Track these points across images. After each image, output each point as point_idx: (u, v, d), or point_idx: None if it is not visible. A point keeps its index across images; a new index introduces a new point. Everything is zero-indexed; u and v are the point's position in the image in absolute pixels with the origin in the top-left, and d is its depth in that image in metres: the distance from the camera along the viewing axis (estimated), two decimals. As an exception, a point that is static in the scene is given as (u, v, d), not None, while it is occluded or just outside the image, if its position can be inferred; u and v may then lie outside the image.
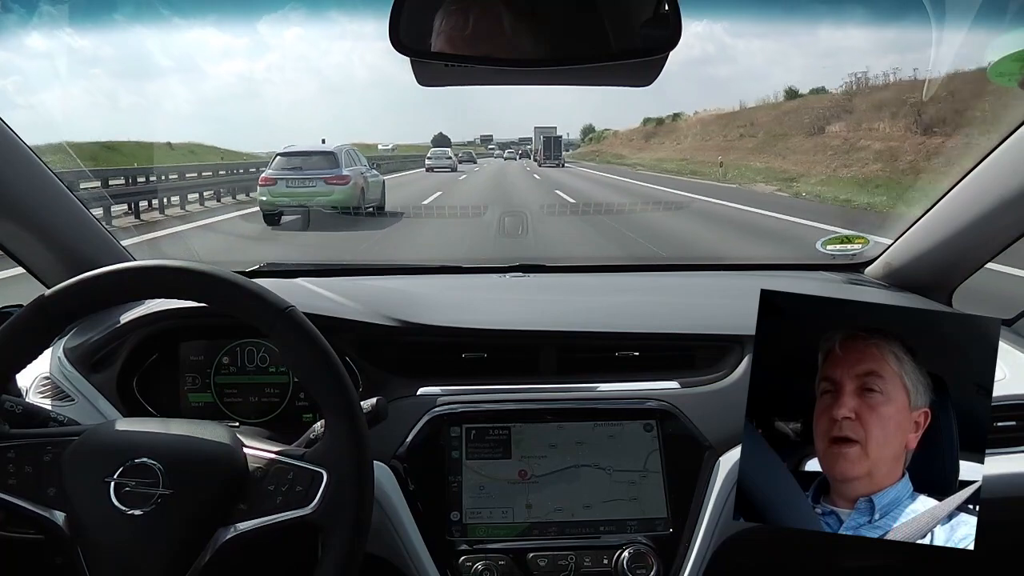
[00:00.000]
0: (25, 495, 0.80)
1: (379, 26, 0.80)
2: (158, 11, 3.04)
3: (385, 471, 1.03)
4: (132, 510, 0.77)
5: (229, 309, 0.86)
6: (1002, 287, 1.78)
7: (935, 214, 1.36)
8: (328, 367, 0.83)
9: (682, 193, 13.23)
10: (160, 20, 3.06)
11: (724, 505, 1.02)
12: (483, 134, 29.48)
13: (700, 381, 1.16)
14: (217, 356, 1.18)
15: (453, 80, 0.94)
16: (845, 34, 26.42)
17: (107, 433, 0.85)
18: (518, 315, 1.27)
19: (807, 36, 33.23)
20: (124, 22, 1.95)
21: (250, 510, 0.80)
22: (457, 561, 1.00)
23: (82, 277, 0.85)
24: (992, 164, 1.23)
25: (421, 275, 1.61)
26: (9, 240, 1.20)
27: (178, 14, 3.31)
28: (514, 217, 2.77)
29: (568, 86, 0.97)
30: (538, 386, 1.15)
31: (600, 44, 0.83)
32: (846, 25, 22.20)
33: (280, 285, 1.13)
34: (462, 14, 0.81)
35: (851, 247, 1.58)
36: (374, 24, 0.87)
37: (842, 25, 21.99)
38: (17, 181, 1.15)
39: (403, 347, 1.20)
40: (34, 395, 1.09)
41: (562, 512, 1.04)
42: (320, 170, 7.23)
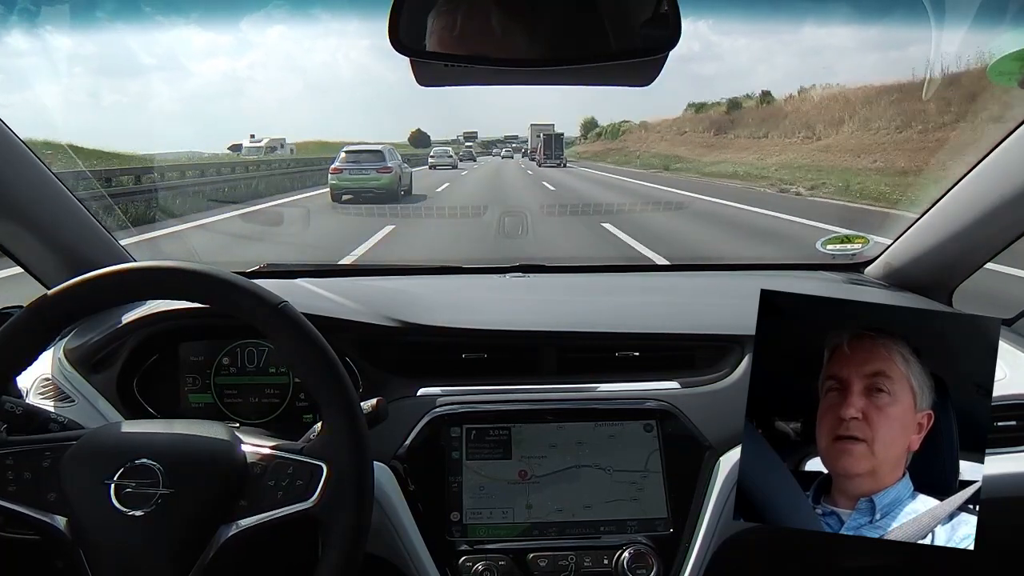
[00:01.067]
0: (25, 501, 0.79)
1: (359, 24, 0.79)
2: (140, 8, 3.03)
3: (385, 471, 1.03)
4: (133, 511, 0.77)
5: (225, 308, 0.86)
6: (1006, 289, 1.77)
7: (935, 214, 1.35)
8: (324, 362, 0.83)
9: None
10: (142, 18, 3.04)
11: (724, 505, 1.02)
12: (467, 131, 28.10)
13: (700, 381, 1.16)
14: (217, 357, 1.18)
15: (453, 80, 0.94)
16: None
17: (105, 436, 0.85)
18: (518, 315, 1.27)
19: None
20: (105, 20, 1.95)
21: (251, 506, 0.80)
22: (457, 561, 1.00)
23: (79, 279, 0.85)
24: (992, 164, 1.23)
25: (421, 275, 1.61)
26: (9, 240, 1.20)
27: (160, 12, 3.32)
28: (514, 217, 2.78)
29: (566, 85, 0.97)
30: (538, 386, 1.15)
31: (600, 44, 0.83)
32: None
33: (280, 285, 1.13)
34: (462, 14, 0.81)
35: (851, 247, 1.58)
36: (357, 23, 0.87)
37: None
38: (17, 181, 1.15)
39: (403, 347, 1.20)
40: (34, 396, 1.09)
41: (562, 513, 1.04)
42: (372, 163, 9.89)
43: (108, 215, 2.01)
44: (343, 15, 18.56)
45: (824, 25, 29.78)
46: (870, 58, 34.69)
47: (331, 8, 17.43)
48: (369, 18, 0.82)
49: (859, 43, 32.87)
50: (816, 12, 13.16)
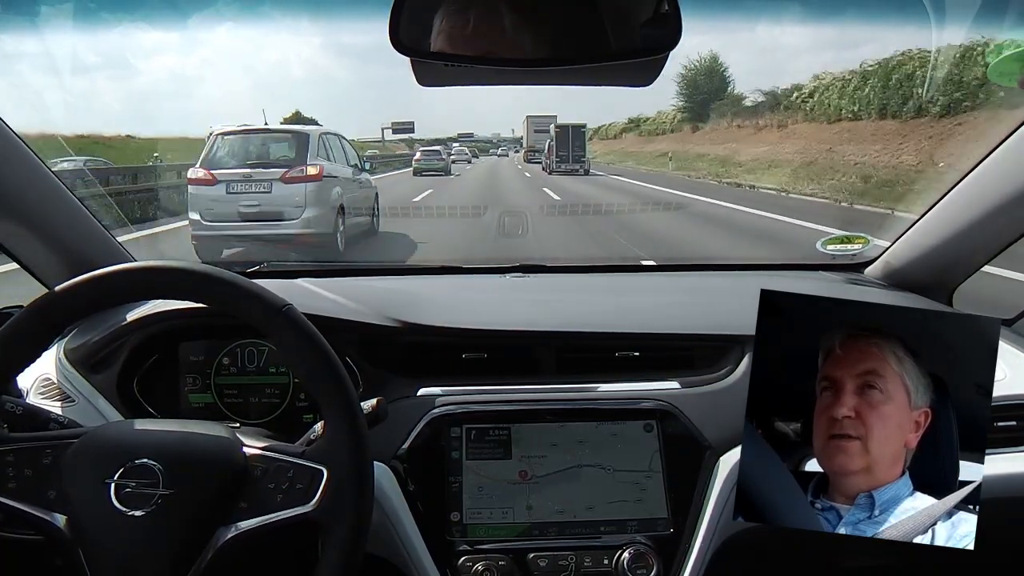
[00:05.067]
0: (25, 498, 0.79)
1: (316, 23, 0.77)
2: (85, 5, 2.96)
3: (385, 471, 1.03)
4: (133, 511, 0.77)
5: (227, 308, 0.86)
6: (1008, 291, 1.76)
7: (935, 214, 1.35)
8: (326, 365, 0.83)
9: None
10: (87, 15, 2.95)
11: (724, 505, 1.02)
12: (461, 132, 26.38)
13: (700, 381, 1.16)
14: (217, 357, 1.18)
15: (453, 80, 0.94)
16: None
17: (106, 435, 0.85)
18: (518, 315, 1.27)
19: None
20: (51, 15, 1.93)
21: (250, 509, 0.80)
22: (457, 561, 1.00)
23: (80, 279, 0.85)
24: (992, 164, 1.23)
25: (421, 275, 1.61)
26: (9, 240, 1.19)
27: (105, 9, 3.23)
28: (514, 217, 2.77)
29: (567, 85, 0.98)
30: (538, 386, 1.15)
31: (600, 44, 0.83)
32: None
33: (280, 285, 1.13)
34: (462, 14, 0.81)
35: (851, 247, 1.58)
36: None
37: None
38: (17, 181, 1.15)
39: (403, 347, 1.20)
40: (35, 396, 1.09)
41: (563, 513, 1.04)
42: (438, 153, 16.41)
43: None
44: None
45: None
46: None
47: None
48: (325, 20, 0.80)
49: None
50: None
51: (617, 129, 27.94)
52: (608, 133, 28.29)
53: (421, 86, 0.90)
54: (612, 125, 28.29)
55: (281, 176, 5.52)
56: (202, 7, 15.03)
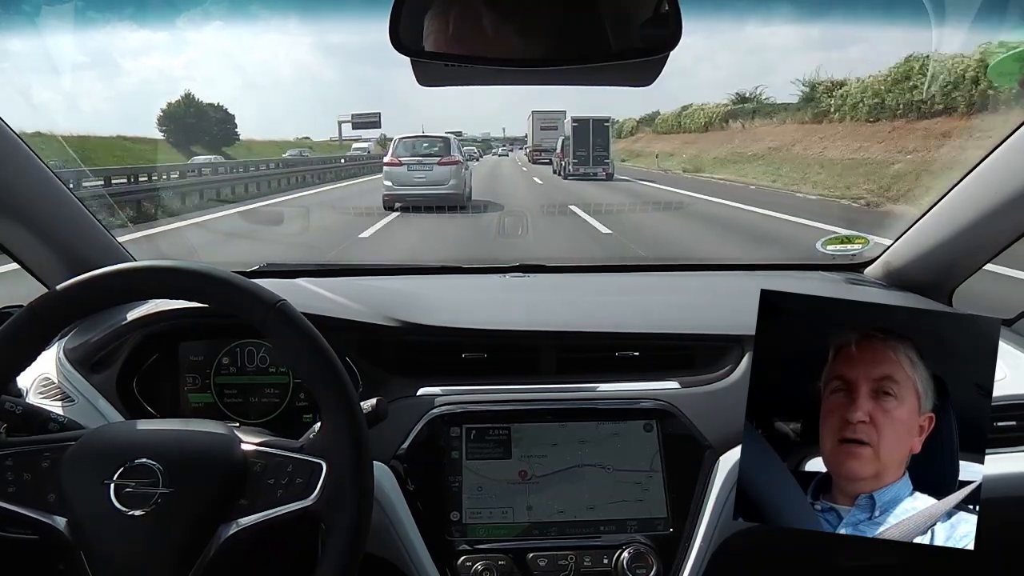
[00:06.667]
0: (25, 502, 0.79)
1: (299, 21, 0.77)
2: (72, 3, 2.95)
3: (385, 471, 1.03)
4: (133, 511, 0.77)
5: (223, 307, 0.86)
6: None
7: (935, 214, 1.35)
8: (322, 360, 0.83)
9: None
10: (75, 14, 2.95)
11: (724, 505, 1.02)
12: (448, 131, 26.67)
13: (700, 381, 1.16)
14: (217, 356, 1.18)
15: (453, 80, 0.94)
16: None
17: (104, 436, 0.85)
18: (518, 315, 1.27)
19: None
20: (34, 14, 1.92)
21: (251, 505, 0.80)
22: (457, 561, 1.01)
23: (80, 279, 0.85)
24: (992, 164, 1.23)
25: (421, 275, 1.61)
26: (9, 240, 1.20)
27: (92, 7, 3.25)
28: (514, 218, 2.77)
29: (567, 85, 0.98)
30: (538, 386, 1.15)
31: (600, 44, 0.83)
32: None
33: (280, 285, 1.13)
34: (462, 14, 0.81)
35: (851, 247, 1.58)
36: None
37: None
38: (17, 181, 1.15)
39: (403, 347, 1.20)
40: (34, 396, 1.09)
41: (563, 513, 1.04)
42: (471, 149, 17.62)
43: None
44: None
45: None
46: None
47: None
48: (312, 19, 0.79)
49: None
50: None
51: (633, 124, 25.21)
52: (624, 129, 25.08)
53: (421, 86, 0.90)
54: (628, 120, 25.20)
55: (437, 161, 9.72)
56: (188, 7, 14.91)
